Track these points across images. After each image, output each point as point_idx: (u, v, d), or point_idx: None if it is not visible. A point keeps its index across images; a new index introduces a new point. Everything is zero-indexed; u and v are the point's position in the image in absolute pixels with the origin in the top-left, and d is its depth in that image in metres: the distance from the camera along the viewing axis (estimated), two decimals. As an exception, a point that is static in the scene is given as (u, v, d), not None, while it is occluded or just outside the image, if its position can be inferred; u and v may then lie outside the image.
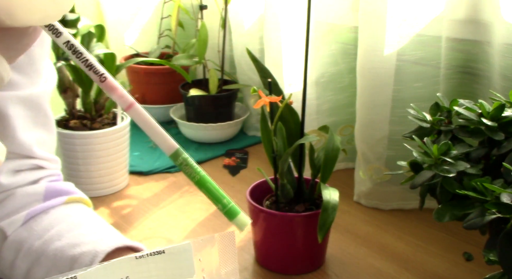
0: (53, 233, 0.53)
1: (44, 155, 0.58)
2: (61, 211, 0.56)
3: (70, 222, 0.54)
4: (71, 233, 0.53)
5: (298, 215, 0.76)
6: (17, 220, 0.53)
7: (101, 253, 0.49)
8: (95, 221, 0.57)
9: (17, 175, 0.55)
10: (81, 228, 0.54)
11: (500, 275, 0.52)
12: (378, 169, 0.94)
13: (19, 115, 0.54)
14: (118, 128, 1.00)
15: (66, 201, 0.57)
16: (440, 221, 0.55)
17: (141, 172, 1.12)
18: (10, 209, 0.54)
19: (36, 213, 0.54)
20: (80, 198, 0.59)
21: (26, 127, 0.55)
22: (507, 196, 0.50)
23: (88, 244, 0.51)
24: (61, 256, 0.50)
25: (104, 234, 0.54)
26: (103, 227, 0.56)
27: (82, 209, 0.58)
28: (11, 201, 0.54)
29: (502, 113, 0.59)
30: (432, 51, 0.87)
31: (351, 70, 1.02)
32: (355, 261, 0.82)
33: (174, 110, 1.32)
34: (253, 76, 1.21)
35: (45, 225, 0.54)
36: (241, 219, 0.22)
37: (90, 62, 0.22)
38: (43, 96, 0.57)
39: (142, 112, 0.22)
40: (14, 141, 0.54)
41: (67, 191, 0.58)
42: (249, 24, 1.21)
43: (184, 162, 0.22)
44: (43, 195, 0.56)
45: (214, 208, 1.00)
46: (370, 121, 0.92)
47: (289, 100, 0.74)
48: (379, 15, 0.85)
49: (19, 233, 0.53)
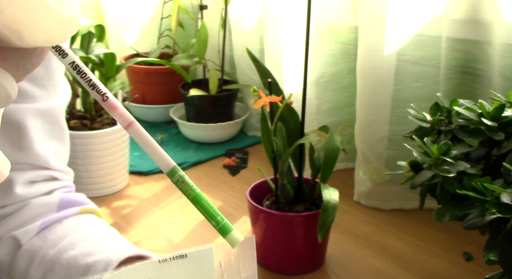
0: (66, 242, 0.54)
1: (59, 167, 0.59)
2: (74, 221, 0.57)
3: (83, 231, 0.56)
4: (84, 242, 0.54)
5: (298, 215, 0.76)
6: (32, 230, 0.55)
7: (115, 262, 0.50)
8: (107, 231, 0.58)
9: (32, 186, 0.57)
10: (94, 237, 0.55)
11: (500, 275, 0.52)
12: (378, 169, 0.94)
13: (37, 127, 0.55)
14: (118, 128, 1.00)
15: (79, 211, 0.58)
16: (440, 221, 0.55)
17: (141, 172, 1.12)
18: (24, 218, 0.55)
19: (50, 222, 0.56)
20: (93, 209, 0.61)
21: (42, 139, 0.56)
22: (507, 196, 0.50)
23: (101, 253, 0.52)
24: (75, 265, 0.52)
25: (116, 244, 0.55)
26: (114, 237, 0.57)
27: (94, 219, 0.59)
28: (26, 211, 0.56)
29: (502, 113, 0.59)
30: (432, 51, 0.87)
31: (351, 70, 1.02)
32: (355, 261, 0.82)
33: (174, 110, 1.32)
34: (253, 76, 1.21)
35: (59, 235, 0.55)
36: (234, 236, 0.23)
37: (94, 82, 0.23)
38: (59, 109, 0.58)
39: (141, 131, 0.23)
40: (31, 152, 0.55)
41: (80, 201, 0.59)
42: (249, 24, 1.21)
43: (180, 180, 0.23)
44: (57, 205, 0.57)
45: (214, 208, 1.00)
46: (370, 121, 0.92)
47: (289, 100, 0.74)
48: (379, 15, 0.85)
49: (33, 242, 0.54)
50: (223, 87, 1.28)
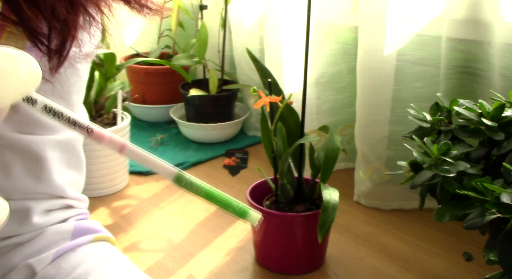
0: (80, 271, 0.55)
1: (75, 195, 0.61)
2: (88, 249, 0.58)
3: (97, 260, 0.56)
4: (97, 271, 0.55)
5: (298, 215, 0.76)
6: (46, 258, 0.55)
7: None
8: (120, 260, 0.59)
9: (49, 214, 0.58)
10: (108, 266, 0.56)
11: (500, 275, 0.52)
12: (378, 169, 0.94)
13: (55, 158, 0.56)
14: (118, 128, 1.00)
15: (93, 239, 0.59)
16: (440, 221, 0.55)
17: (141, 172, 1.12)
18: (39, 246, 0.56)
19: (64, 251, 0.56)
20: (106, 237, 0.62)
21: (60, 169, 0.57)
22: (507, 196, 0.50)
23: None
24: None
25: (129, 273, 0.56)
26: (127, 266, 0.58)
27: (107, 247, 0.60)
28: (41, 239, 0.56)
29: (502, 113, 0.59)
30: (432, 51, 0.87)
31: (351, 70, 1.02)
32: (355, 261, 0.82)
33: (174, 110, 1.32)
34: (253, 76, 1.21)
35: (73, 263, 0.55)
36: (253, 215, 0.23)
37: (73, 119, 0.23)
38: (77, 139, 0.59)
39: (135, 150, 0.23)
40: (49, 183, 0.56)
41: (94, 229, 0.60)
42: (249, 24, 1.21)
43: (188, 183, 0.23)
44: (72, 233, 0.58)
45: (214, 208, 1.01)
46: (370, 121, 0.92)
47: (289, 100, 0.74)
48: (379, 15, 0.85)
49: (48, 270, 0.55)
50: (223, 87, 1.28)
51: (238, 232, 0.90)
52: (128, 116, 1.05)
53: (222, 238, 0.89)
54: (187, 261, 0.82)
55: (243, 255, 0.84)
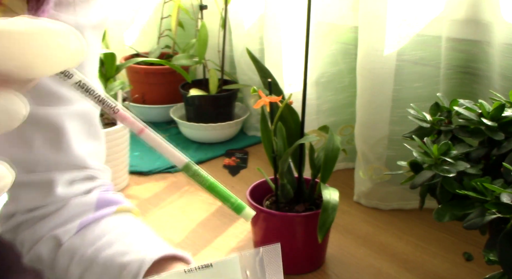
0: (104, 242, 0.56)
1: (96, 165, 0.62)
2: (112, 220, 0.60)
3: (120, 231, 0.58)
4: (120, 242, 0.56)
5: (298, 215, 0.76)
6: (71, 229, 0.57)
7: (148, 261, 0.52)
8: (143, 231, 0.60)
9: (72, 186, 0.59)
10: (130, 237, 0.58)
11: (500, 275, 0.52)
12: (378, 169, 0.94)
13: (75, 129, 0.58)
14: (118, 128, 1.00)
15: (116, 211, 0.61)
16: (440, 221, 0.55)
17: (141, 172, 1.12)
18: (64, 218, 0.58)
19: (88, 222, 0.58)
20: (129, 208, 0.63)
21: (80, 140, 0.59)
22: (507, 196, 0.50)
23: (136, 252, 0.54)
24: (111, 264, 0.54)
25: (151, 243, 0.57)
26: (150, 237, 0.59)
27: (130, 219, 0.62)
28: (65, 211, 0.58)
29: (502, 113, 0.59)
30: (432, 51, 0.87)
31: (351, 70, 1.02)
32: (355, 261, 0.82)
33: (174, 110, 1.32)
34: (253, 76, 1.21)
35: (97, 234, 0.57)
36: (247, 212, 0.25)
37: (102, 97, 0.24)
38: (94, 110, 0.61)
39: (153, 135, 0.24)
40: (70, 153, 0.58)
41: (116, 201, 0.62)
42: (249, 24, 1.21)
43: (195, 173, 0.25)
44: (95, 204, 0.60)
45: (214, 208, 1.01)
46: (370, 121, 0.92)
47: (289, 100, 0.74)
48: (379, 15, 0.85)
49: (73, 241, 0.57)
50: (223, 87, 1.28)
51: (238, 232, 0.90)
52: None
53: (222, 238, 0.89)
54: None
55: (243, 255, 0.83)
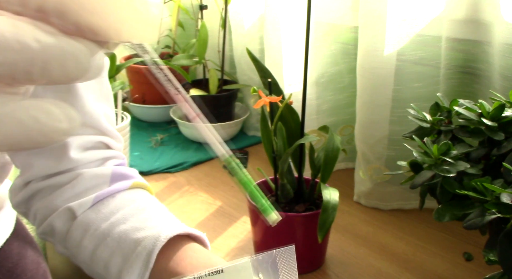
0: (118, 216, 0.56)
1: (111, 130, 0.61)
2: (127, 195, 0.59)
3: (135, 206, 0.57)
4: (135, 217, 0.56)
5: (298, 215, 0.76)
6: (86, 202, 0.57)
7: (163, 238, 0.52)
8: (158, 208, 0.60)
9: (86, 151, 0.59)
10: (145, 213, 0.57)
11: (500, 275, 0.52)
12: (378, 169, 0.94)
13: (87, 86, 0.56)
14: (118, 128, 0.99)
15: (131, 185, 0.60)
16: (440, 221, 0.55)
17: (141, 172, 1.11)
18: (78, 190, 0.58)
19: (103, 196, 0.57)
20: (144, 184, 0.63)
21: (93, 98, 0.58)
22: (507, 196, 0.50)
23: (151, 228, 0.54)
24: (126, 238, 0.53)
25: (167, 220, 0.57)
26: (165, 214, 0.59)
27: (145, 195, 0.61)
28: (79, 183, 0.58)
29: (502, 113, 0.59)
30: (432, 51, 0.87)
31: (351, 70, 1.02)
32: (355, 261, 0.82)
33: (174, 110, 1.32)
34: (253, 76, 1.21)
35: (112, 208, 0.57)
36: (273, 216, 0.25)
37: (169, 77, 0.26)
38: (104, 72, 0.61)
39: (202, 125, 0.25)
40: (83, 111, 0.57)
41: (131, 176, 0.61)
42: (249, 24, 1.21)
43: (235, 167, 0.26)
44: (110, 177, 0.59)
45: (214, 208, 1.01)
46: (370, 121, 0.92)
47: (289, 100, 0.74)
48: (379, 15, 0.85)
49: (87, 214, 0.56)
50: (223, 87, 1.28)
51: (238, 232, 0.90)
52: (128, 116, 1.05)
53: (222, 238, 0.89)
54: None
55: (243, 255, 0.83)
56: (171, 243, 0.53)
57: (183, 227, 0.55)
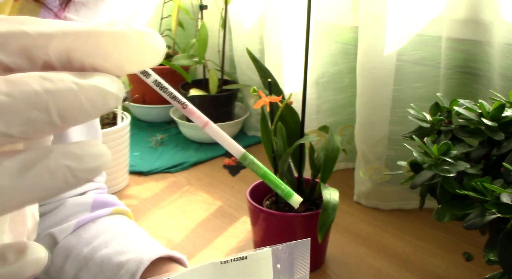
0: (100, 241, 0.56)
1: None
2: (107, 221, 0.60)
3: (116, 231, 0.58)
4: (117, 242, 0.57)
5: (298, 215, 0.76)
6: (68, 228, 0.58)
7: (146, 261, 0.53)
8: (139, 232, 0.61)
9: None
10: (126, 237, 0.58)
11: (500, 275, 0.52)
12: (378, 169, 0.94)
13: (76, 129, 0.58)
14: (118, 128, 1.00)
15: (112, 212, 0.61)
16: (440, 221, 0.55)
17: (141, 172, 1.12)
18: (61, 217, 0.58)
19: (84, 222, 0.58)
20: (124, 210, 0.64)
21: (79, 133, 0.59)
22: (507, 196, 0.50)
23: (133, 252, 0.54)
24: (108, 262, 0.54)
25: (147, 244, 0.58)
26: (146, 238, 0.60)
27: (125, 220, 0.62)
28: (62, 210, 0.59)
29: (502, 113, 0.59)
30: (432, 51, 0.87)
31: (351, 70, 1.02)
32: (355, 261, 0.82)
33: (174, 110, 1.32)
34: (253, 76, 1.21)
35: (93, 233, 0.58)
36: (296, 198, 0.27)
37: (174, 94, 0.27)
38: None
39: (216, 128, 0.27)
40: None
41: (112, 203, 0.62)
42: (249, 24, 1.21)
43: (251, 162, 0.27)
44: (91, 205, 0.60)
45: (214, 208, 1.01)
46: (370, 121, 0.92)
47: (289, 100, 0.74)
48: (379, 15, 0.85)
49: (69, 240, 0.57)
50: (223, 87, 1.28)
51: (238, 232, 0.90)
52: (128, 116, 1.05)
53: (222, 238, 0.89)
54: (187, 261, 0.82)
55: (243, 255, 0.83)
56: (153, 265, 0.53)
57: (164, 250, 0.56)
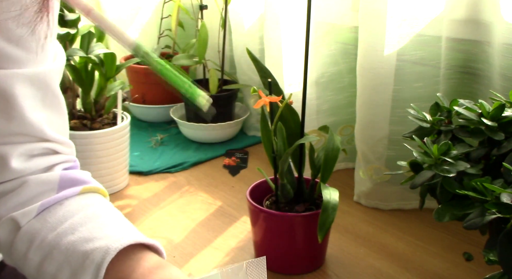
0: (66, 226, 0.52)
1: (57, 137, 0.56)
2: (76, 202, 0.54)
3: (84, 214, 0.53)
4: (84, 227, 0.52)
5: (298, 215, 0.76)
6: (31, 211, 0.52)
7: (113, 250, 0.48)
8: (110, 214, 0.55)
9: (30, 160, 0.54)
10: (95, 221, 0.53)
11: (500, 275, 0.52)
12: (378, 169, 0.94)
13: (26, 95, 0.52)
14: (118, 128, 1.00)
15: (81, 191, 0.55)
16: (440, 221, 0.55)
17: (141, 172, 1.12)
18: (23, 198, 0.53)
19: (50, 204, 0.53)
20: (96, 188, 0.57)
21: (34, 107, 0.53)
22: (507, 196, 0.50)
23: (101, 239, 0.50)
24: (73, 251, 0.50)
25: (119, 229, 0.53)
26: (118, 221, 0.55)
27: (97, 200, 0.56)
28: (24, 190, 0.53)
29: (502, 113, 0.59)
30: (432, 51, 0.87)
31: (351, 70, 1.02)
32: (355, 261, 0.82)
33: (174, 110, 1.32)
34: (253, 76, 1.21)
35: (59, 217, 0.52)
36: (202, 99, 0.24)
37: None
38: (51, 75, 0.54)
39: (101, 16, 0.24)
40: (23, 121, 0.52)
41: (82, 180, 0.56)
42: (249, 24, 1.21)
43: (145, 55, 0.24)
44: (58, 183, 0.54)
45: (214, 208, 1.01)
46: (370, 121, 0.92)
47: (289, 100, 0.74)
48: (379, 15, 0.85)
49: (33, 224, 0.52)
50: (223, 87, 1.28)
51: (238, 232, 0.90)
52: (128, 116, 1.05)
53: (222, 238, 0.89)
54: (187, 261, 0.82)
55: (243, 255, 0.84)
56: (122, 253, 0.49)
57: (135, 236, 0.51)
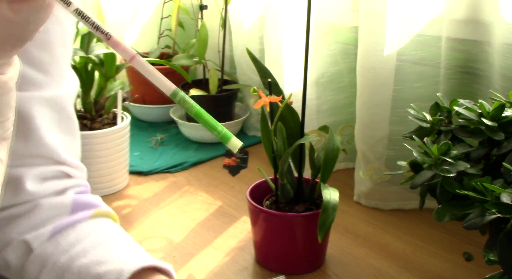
0: (78, 249, 0.52)
1: (70, 161, 0.57)
2: (88, 225, 0.55)
3: (96, 237, 0.53)
4: (96, 250, 0.52)
5: (298, 215, 0.76)
6: (44, 234, 0.52)
7: (127, 273, 0.48)
8: (121, 238, 0.56)
9: (44, 183, 0.54)
10: (107, 244, 0.53)
11: (500, 275, 0.52)
12: (378, 169, 0.94)
13: (44, 117, 0.52)
14: (118, 128, 1.00)
15: (93, 215, 0.56)
16: (440, 221, 0.55)
17: (141, 172, 1.12)
18: (36, 221, 0.53)
19: (62, 227, 0.53)
20: (107, 212, 0.58)
21: (51, 129, 0.54)
22: (507, 196, 0.50)
23: (113, 262, 0.50)
24: (86, 274, 0.50)
25: (130, 252, 0.53)
26: (129, 245, 0.55)
27: (108, 224, 0.57)
28: (37, 213, 0.53)
29: (502, 113, 0.59)
30: (432, 51, 0.87)
31: (351, 70, 1.02)
32: (355, 261, 0.82)
33: (174, 110, 1.32)
34: (253, 76, 1.21)
35: (71, 240, 0.53)
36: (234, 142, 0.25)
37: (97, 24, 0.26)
38: (66, 99, 0.55)
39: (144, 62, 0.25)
40: (40, 142, 0.52)
41: (94, 204, 0.57)
42: (249, 24, 1.21)
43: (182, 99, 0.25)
44: (70, 207, 0.55)
45: (214, 208, 1.01)
46: (370, 121, 0.92)
47: (289, 100, 0.74)
48: (379, 15, 0.85)
49: (45, 247, 0.52)
50: (223, 87, 1.28)
51: (238, 232, 0.90)
52: (128, 116, 1.05)
53: (222, 238, 0.89)
54: (187, 261, 0.82)
55: (243, 255, 0.84)
56: (135, 276, 0.49)
57: (148, 260, 0.51)
